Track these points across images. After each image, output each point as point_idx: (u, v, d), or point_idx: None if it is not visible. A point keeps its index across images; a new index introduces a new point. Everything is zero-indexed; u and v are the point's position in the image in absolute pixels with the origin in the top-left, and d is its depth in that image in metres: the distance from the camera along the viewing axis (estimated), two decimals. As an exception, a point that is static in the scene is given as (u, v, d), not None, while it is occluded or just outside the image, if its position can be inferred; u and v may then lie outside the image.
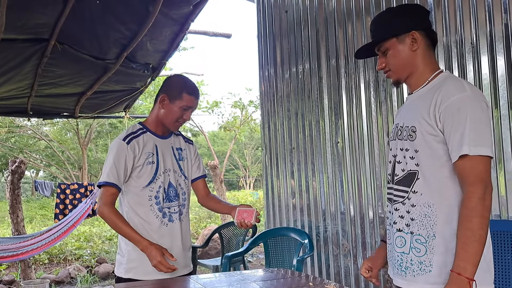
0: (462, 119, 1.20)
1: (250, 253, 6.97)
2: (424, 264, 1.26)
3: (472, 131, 1.19)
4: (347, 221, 3.33)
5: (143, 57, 4.00)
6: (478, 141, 1.19)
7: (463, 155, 1.18)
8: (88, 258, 6.56)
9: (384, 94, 3.11)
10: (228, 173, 23.81)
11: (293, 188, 3.87)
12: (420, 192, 1.28)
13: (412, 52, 1.34)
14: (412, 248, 1.28)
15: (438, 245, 1.25)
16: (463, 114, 1.20)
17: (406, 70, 1.37)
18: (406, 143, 1.32)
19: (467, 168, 1.19)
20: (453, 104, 1.22)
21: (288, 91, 3.95)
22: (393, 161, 1.39)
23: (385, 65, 1.39)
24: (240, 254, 3.37)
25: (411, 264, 1.29)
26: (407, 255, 1.30)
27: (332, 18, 3.49)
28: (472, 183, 1.18)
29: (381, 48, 1.38)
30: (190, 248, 1.94)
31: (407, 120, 1.35)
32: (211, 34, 5.36)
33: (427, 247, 1.26)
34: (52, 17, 2.98)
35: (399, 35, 1.35)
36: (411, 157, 1.30)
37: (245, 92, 25.33)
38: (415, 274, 1.28)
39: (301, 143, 3.78)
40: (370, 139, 3.19)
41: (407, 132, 1.32)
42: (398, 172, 1.35)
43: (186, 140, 2.04)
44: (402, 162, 1.33)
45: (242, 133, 15.04)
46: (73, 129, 14.61)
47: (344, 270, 3.34)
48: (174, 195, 1.89)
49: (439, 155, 1.26)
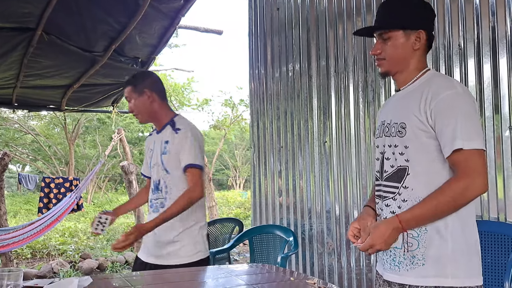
0: (453, 115, 1.21)
1: (236, 252, 6.96)
2: (417, 258, 1.27)
3: (464, 126, 1.20)
4: (332, 220, 3.34)
5: (132, 51, 3.96)
6: (471, 135, 1.20)
7: (457, 149, 1.19)
8: (72, 254, 6.48)
9: (372, 94, 3.12)
10: (218, 173, 23.74)
11: (280, 187, 3.87)
12: (411, 187, 1.28)
13: (412, 50, 1.34)
14: (405, 242, 1.28)
15: (430, 238, 1.25)
16: (454, 109, 1.22)
17: (399, 65, 1.36)
18: (395, 140, 1.32)
19: (461, 161, 1.20)
20: (444, 100, 1.23)
21: (277, 90, 3.95)
22: (380, 158, 1.38)
23: (381, 52, 1.36)
24: (225, 250, 3.36)
25: (403, 258, 1.29)
26: (400, 250, 1.30)
27: (323, 17, 3.50)
28: (468, 174, 1.19)
29: (384, 35, 1.35)
30: (168, 242, 1.92)
31: (395, 117, 1.34)
32: (202, 30, 5.33)
33: (419, 241, 1.26)
34: (38, 7, 2.94)
35: (406, 29, 1.33)
36: (401, 153, 1.30)
37: (236, 90, 25.29)
38: (408, 269, 1.28)
39: (290, 142, 3.78)
40: (357, 139, 3.20)
41: (396, 128, 1.32)
42: (387, 169, 1.35)
43: (173, 129, 2.01)
44: (390, 158, 1.33)
45: (232, 132, 15.00)
46: (61, 124, 14.43)
47: (328, 268, 3.35)
48: (157, 188, 2.01)
49: (429, 151, 1.26)
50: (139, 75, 2.08)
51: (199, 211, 1.98)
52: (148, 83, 2.02)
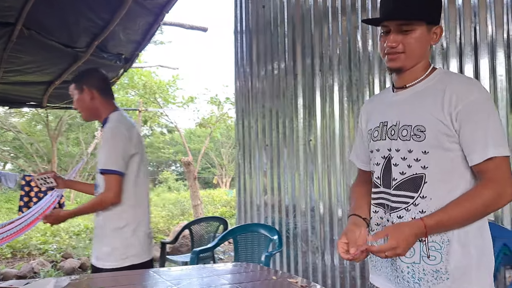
0: (483, 120, 1.13)
1: (221, 251, 6.94)
2: (441, 272, 1.16)
3: (494, 132, 1.13)
4: (316, 218, 3.35)
5: (115, 47, 3.90)
6: (500, 141, 1.14)
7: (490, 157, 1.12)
8: (53, 253, 6.37)
9: (357, 93, 3.14)
10: (204, 172, 23.63)
11: (265, 185, 3.86)
12: (429, 197, 1.17)
13: (429, 46, 1.24)
14: (423, 256, 1.18)
15: (453, 250, 1.16)
16: (483, 114, 1.14)
17: (416, 60, 1.23)
18: (410, 144, 1.19)
19: (491, 169, 1.13)
20: (473, 104, 1.14)
21: (263, 88, 3.94)
22: (382, 163, 1.26)
23: (399, 45, 1.20)
24: (209, 249, 3.34)
25: (424, 274, 1.18)
26: (418, 264, 1.18)
27: (309, 16, 3.50)
28: (498, 182, 1.13)
29: (405, 26, 1.19)
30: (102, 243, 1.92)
31: (406, 119, 1.22)
32: (187, 27, 5.28)
33: (442, 254, 1.17)
34: (18, 1, 2.86)
35: (431, 22, 1.22)
36: (416, 159, 1.18)
37: (222, 88, 25.20)
38: (430, 285, 1.17)
39: (275, 141, 3.78)
40: (342, 138, 3.21)
41: (409, 131, 1.20)
42: (396, 176, 1.22)
43: (103, 126, 2.01)
44: (400, 164, 1.21)
45: (217, 130, 14.95)
46: (43, 121, 14.19)
47: (312, 267, 3.36)
48: (97, 186, 2.01)
49: (451, 157, 1.17)
50: (80, 73, 2.11)
51: (131, 212, 1.91)
52: (88, 81, 2.02)
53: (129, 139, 1.91)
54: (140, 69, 12.59)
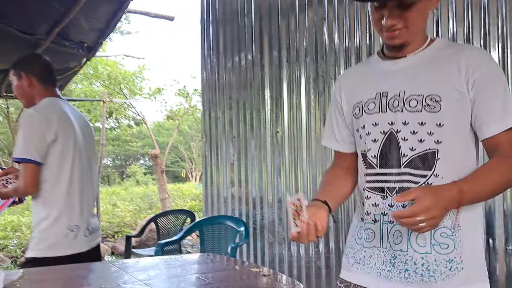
0: (501, 90, 1.05)
1: (190, 244, 6.89)
2: (455, 262, 1.06)
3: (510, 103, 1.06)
4: (283, 210, 3.37)
5: (78, 35, 3.76)
6: None
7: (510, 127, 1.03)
8: (13, 249, 6.15)
9: (323, 85, 3.16)
10: (174, 165, 23.36)
11: (232, 177, 3.85)
12: (441, 175, 1.06)
13: (428, 12, 1.13)
14: (434, 245, 1.06)
15: (465, 235, 1.06)
16: (501, 85, 1.06)
17: (420, 32, 1.12)
18: (422, 115, 1.07)
19: (507, 141, 1.04)
20: (489, 73, 1.06)
21: (230, 80, 3.91)
22: (381, 139, 1.12)
23: (399, 22, 1.07)
24: (175, 242, 3.31)
25: (436, 265, 1.06)
26: (430, 254, 1.07)
27: (276, 7, 3.49)
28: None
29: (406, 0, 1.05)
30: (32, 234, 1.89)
31: (413, 88, 1.09)
32: (153, 15, 5.17)
33: (455, 240, 1.06)
34: (-30, -17, 2.70)
35: None
36: (429, 133, 1.07)
37: (189, 80, 24.86)
38: (444, 277, 1.06)
39: (242, 132, 3.76)
40: (308, 129, 3.24)
41: (421, 102, 1.07)
42: (405, 152, 1.08)
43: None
44: (410, 139, 1.08)
45: (186, 123, 14.78)
46: (3, 112, 13.57)
47: (278, 257, 3.38)
48: None
49: (464, 131, 1.08)
50: (20, 59, 2.02)
51: (53, 204, 1.85)
52: (26, 67, 1.95)
53: (46, 124, 1.82)
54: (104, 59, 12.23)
